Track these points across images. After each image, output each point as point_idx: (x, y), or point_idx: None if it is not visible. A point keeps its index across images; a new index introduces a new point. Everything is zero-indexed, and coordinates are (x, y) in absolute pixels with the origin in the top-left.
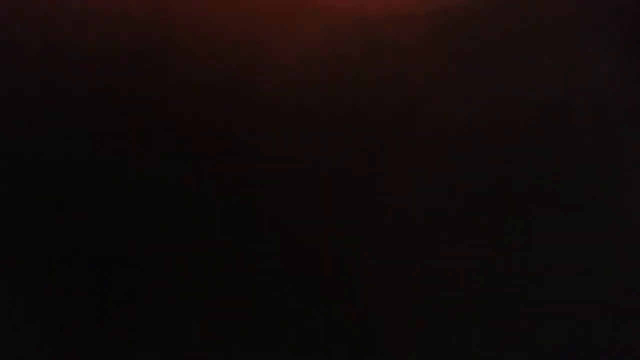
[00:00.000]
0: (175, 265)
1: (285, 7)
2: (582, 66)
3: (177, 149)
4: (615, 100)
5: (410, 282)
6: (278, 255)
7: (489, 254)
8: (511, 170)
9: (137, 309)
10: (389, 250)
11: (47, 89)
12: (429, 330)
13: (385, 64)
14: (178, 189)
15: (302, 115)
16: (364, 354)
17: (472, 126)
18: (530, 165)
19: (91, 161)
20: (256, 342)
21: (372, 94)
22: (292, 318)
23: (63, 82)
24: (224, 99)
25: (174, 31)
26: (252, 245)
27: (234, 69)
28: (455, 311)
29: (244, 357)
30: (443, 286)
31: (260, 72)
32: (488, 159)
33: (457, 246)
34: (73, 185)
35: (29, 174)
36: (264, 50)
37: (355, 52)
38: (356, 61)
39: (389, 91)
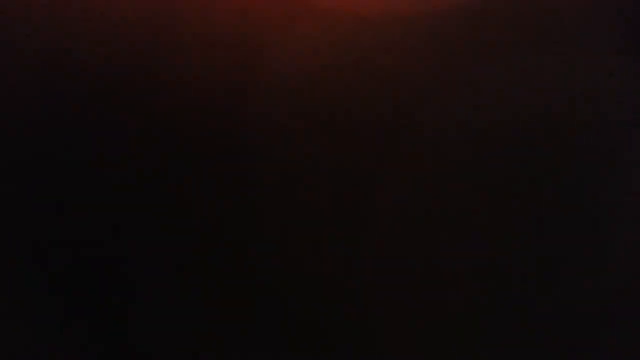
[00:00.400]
0: (175, 266)
1: (286, 8)
2: (583, 66)
3: (177, 149)
4: (615, 99)
5: (411, 282)
6: (278, 255)
7: (489, 254)
8: (511, 169)
9: (136, 308)
10: (389, 250)
11: (47, 89)
12: (429, 331)
13: (386, 64)
14: (178, 189)
15: (302, 115)
16: (364, 354)
17: (472, 126)
18: (531, 164)
19: (91, 161)
20: (256, 342)
21: (372, 94)
22: (292, 318)
23: (63, 82)
24: (224, 100)
25: (174, 32)
26: (252, 245)
27: (234, 70)
28: (455, 311)
29: (244, 357)
30: (443, 286)
31: (261, 73)
32: (488, 158)
33: (456, 247)
34: (73, 185)
35: (29, 174)
36: (264, 51)
37: (355, 53)
38: (356, 61)
39: (389, 91)
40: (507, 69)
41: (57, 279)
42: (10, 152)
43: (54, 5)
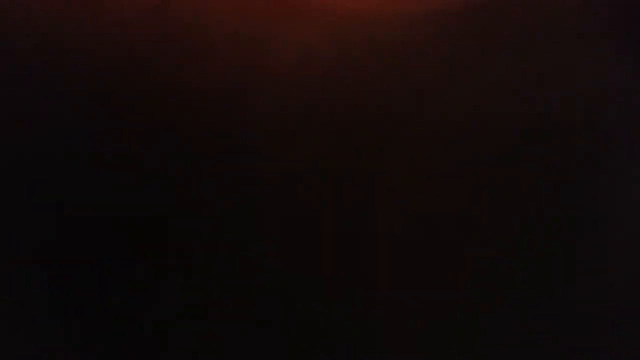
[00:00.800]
0: (175, 266)
1: (285, 6)
2: (584, 66)
3: (177, 149)
4: (616, 100)
5: (412, 282)
6: (278, 256)
7: (489, 254)
8: (512, 169)
9: (136, 308)
10: (389, 250)
11: (45, 89)
12: (430, 331)
13: (387, 63)
14: (178, 189)
15: (303, 114)
16: (365, 355)
17: (473, 126)
18: (531, 165)
19: (90, 161)
20: (256, 342)
21: (374, 92)
22: (292, 318)
23: (60, 82)
24: (224, 99)
25: (173, 31)
26: (252, 245)
27: (234, 69)
28: (455, 311)
29: (244, 358)
30: (444, 287)
31: (261, 72)
32: (489, 158)
33: (457, 246)
34: (72, 185)
35: (29, 174)
36: (264, 50)
37: (355, 52)
38: (357, 60)
39: (391, 90)
40: (508, 68)
41: (56, 280)
42: (9, 152)
43: (53, 4)
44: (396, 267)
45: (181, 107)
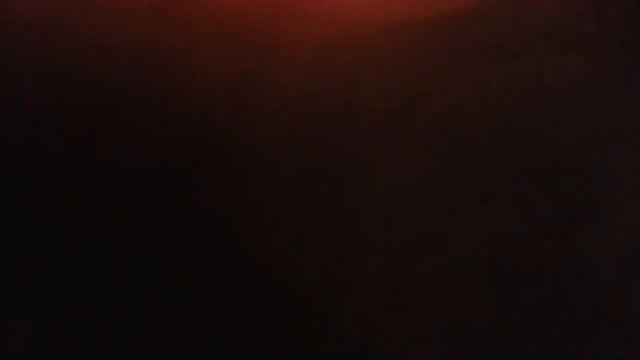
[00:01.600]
0: (176, 267)
1: (284, 13)
2: (580, 69)
3: (178, 150)
4: (614, 102)
5: (409, 282)
6: (278, 256)
7: (488, 254)
8: (510, 172)
9: (138, 309)
10: (385, 250)
11: (47, 91)
12: (429, 329)
13: (385, 68)
14: (179, 190)
15: (301, 118)
16: (364, 354)
17: (470, 130)
18: (529, 167)
19: (93, 162)
20: (257, 341)
21: (371, 97)
22: (292, 318)
23: (63, 84)
24: (223, 103)
25: (173, 32)
26: (251, 246)
27: (233, 74)
28: (454, 308)
29: (245, 357)
30: (444, 285)
31: (259, 76)
32: (487, 162)
33: (455, 246)
34: (76, 186)
35: (29, 174)
36: (266, 55)
37: (354, 58)
38: (355, 66)
39: (388, 95)
40: (505, 73)
41: (56, 281)
42: (11, 154)
43: (54, 6)
44: (394, 268)
45: (182, 110)
